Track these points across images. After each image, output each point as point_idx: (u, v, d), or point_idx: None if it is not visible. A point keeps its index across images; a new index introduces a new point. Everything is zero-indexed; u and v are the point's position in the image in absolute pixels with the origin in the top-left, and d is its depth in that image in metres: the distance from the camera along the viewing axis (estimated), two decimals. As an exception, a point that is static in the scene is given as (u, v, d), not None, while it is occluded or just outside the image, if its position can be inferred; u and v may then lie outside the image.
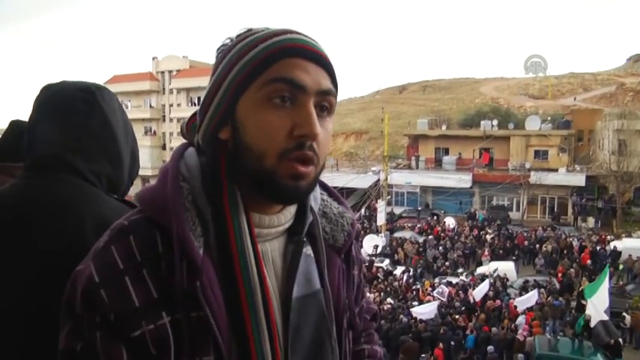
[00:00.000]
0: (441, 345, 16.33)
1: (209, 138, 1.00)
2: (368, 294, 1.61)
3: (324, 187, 1.21)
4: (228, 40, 1.01)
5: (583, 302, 16.92)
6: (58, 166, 1.33)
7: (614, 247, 26.71)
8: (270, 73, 0.93)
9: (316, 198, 1.13)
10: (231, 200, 0.96)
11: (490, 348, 16.19)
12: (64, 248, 1.18)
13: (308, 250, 1.07)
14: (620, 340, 16.33)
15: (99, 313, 0.87)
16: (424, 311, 18.84)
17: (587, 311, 15.17)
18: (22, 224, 1.23)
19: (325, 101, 0.97)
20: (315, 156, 0.95)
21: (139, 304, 0.87)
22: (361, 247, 1.42)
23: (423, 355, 15.73)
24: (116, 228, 0.95)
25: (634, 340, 18.67)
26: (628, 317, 18.59)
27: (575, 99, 64.44)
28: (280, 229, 1.04)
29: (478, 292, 20.56)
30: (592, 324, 14.69)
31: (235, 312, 0.92)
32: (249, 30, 0.99)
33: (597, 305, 14.68)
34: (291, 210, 1.06)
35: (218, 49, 1.02)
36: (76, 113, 1.37)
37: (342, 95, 1.02)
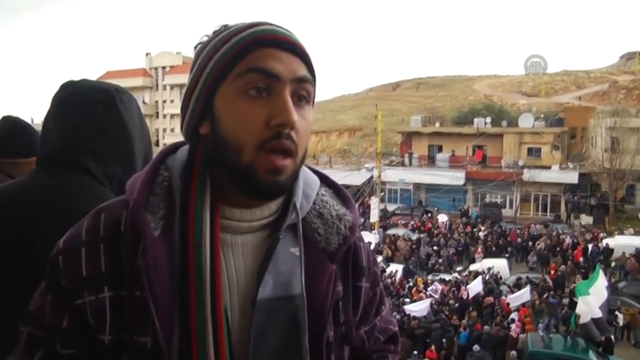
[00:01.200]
0: (433, 347, 16.31)
1: (190, 134, 1.01)
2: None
3: (331, 185, 1.17)
4: (205, 38, 1.01)
5: (575, 300, 16.94)
6: (70, 165, 1.34)
7: (607, 244, 26.80)
8: (243, 64, 0.93)
9: (309, 197, 1.08)
10: (199, 189, 0.97)
11: (476, 347, 16.21)
12: None
13: (297, 251, 1.02)
14: (612, 337, 16.41)
15: (55, 277, 0.95)
16: (417, 309, 18.88)
17: (578, 309, 15.18)
18: (23, 223, 1.24)
19: (302, 90, 0.96)
20: (294, 145, 0.94)
21: (86, 275, 0.93)
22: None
23: (415, 352, 15.75)
24: (98, 207, 1.02)
25: (632, 337, 18.67)
26: (620, 316, 18.50)
27: (580, 98, 64.60)
28: (256, 224, 1.01)
29: (471, 289, 20.63)
30: (580, 321, 14.70)
31: (183, 298, 0.91)
32: (225, 26, 1.00)
33: (591, 302, 14.68)
34: (272, 206, 1.03)
35: (195, 46, 1.02)
36: (93, 115, 1.37)
37: (335, 92, 1.00)
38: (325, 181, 1.16)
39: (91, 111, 1.37)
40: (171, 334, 0.90)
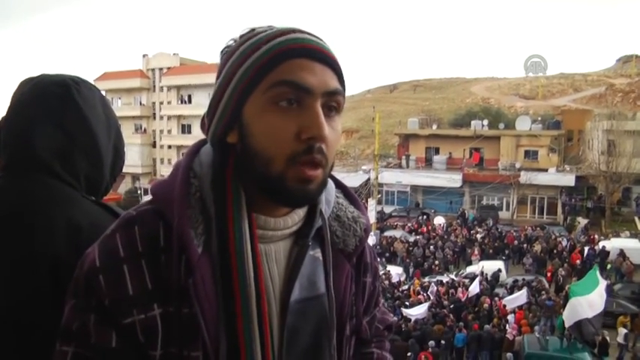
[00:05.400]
0: (430, 349, 16.29)
1: (217, 141, 0.99)
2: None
3: (342, 187, 1.19)
4: (231, 42, 0.99)
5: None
6: (32, 166, 1.28)
7: (604, 246, 26.84)
8: (274, 75, 0.90)
9: (329, 201, 1.11)
10: (235, 201, 0.96)
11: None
12: (29, 252, 1.16)
13: (317, 253, 1.05)
14: (607, 337, 16.39)
15: (96, 296, 0.90)
16: (416, 313, 18.87)
17: (564, 312, 15.15)
18: None
19: (333, 101, 0.95)
20: (324, 159, 0.93)
21: (133, 293, 0.90)
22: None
23: (409, 354, 15.72)
24: (125, 217, 0.97)
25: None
26: (622, 331, 17.62)
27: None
28: (287, 231, 1.02)
29: (470, 291, 20.68)
30: (566, 324, 14.68)
31: (229, 311, 0.92)
32: (253, 30, 0.97)
33: (582, 303, 14.63)
34: (300, 213, 1.04)
35: (222, 51, 1.00)
36: (49, 110, 1.30)
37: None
38: (334, 181, 1.17)
39: (47, 105, 1.30)
40: (218, 346, 0.91)
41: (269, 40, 0.92)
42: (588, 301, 14.57)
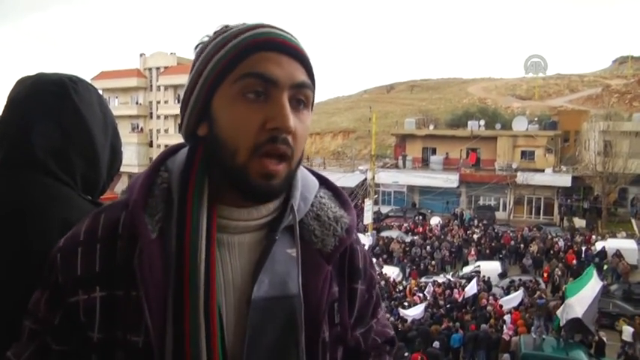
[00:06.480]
0: (422, 350, 16.27)
1: (189, 135, 1.01)
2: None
3: (330, 187, 1.17)
4: (205, 38, 1.01)
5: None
6: (28, 165, 1.27)
7: (604, 247, 26.92)
8: (242, 68, 0.92)
9: (306, 199, 1.08)
10: (196, 190, 0.97)
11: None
12: (26, 252, 1.15)
13: (293, 252, 1.02)
14: (605, 338, 16.43)
15: (54, 275, 0.97)
16: (413, 313, 18.88)
17: (560, 310, 15.17)
18: None
19: (301, 95, 0.96)
20: (290, 149, 0.94)
21: (80, 274, 0.95)
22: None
23: (406, 354, 15.71)
24: (99, 208, 1.04)
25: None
26: (628, 329, 17.23)
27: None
28: (252, 223, 1.01)
29: (467, 292, 20.70)
30: (561, 323, 14.71)
31: (178, 298, 0.92)
32: (226, 26, 0.99)
33: (573, 304, 14.68)
34: (269, 206, 1.03)
35: (196, 47, 1.01)
36: (46, 109, 1.30)
37: (329, 94, 1.00)
38: (325, 183, 1.16)
39: (44, 104, 1.30)
40: (164, 333, 0.90)
41: (238, 34, 0.94)
42: (579, 299, 14.63)
